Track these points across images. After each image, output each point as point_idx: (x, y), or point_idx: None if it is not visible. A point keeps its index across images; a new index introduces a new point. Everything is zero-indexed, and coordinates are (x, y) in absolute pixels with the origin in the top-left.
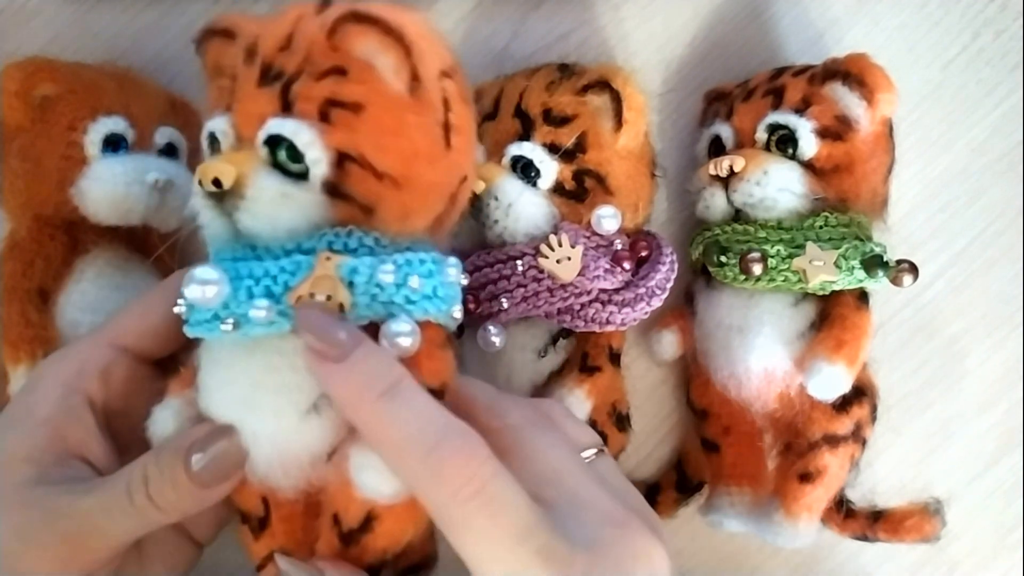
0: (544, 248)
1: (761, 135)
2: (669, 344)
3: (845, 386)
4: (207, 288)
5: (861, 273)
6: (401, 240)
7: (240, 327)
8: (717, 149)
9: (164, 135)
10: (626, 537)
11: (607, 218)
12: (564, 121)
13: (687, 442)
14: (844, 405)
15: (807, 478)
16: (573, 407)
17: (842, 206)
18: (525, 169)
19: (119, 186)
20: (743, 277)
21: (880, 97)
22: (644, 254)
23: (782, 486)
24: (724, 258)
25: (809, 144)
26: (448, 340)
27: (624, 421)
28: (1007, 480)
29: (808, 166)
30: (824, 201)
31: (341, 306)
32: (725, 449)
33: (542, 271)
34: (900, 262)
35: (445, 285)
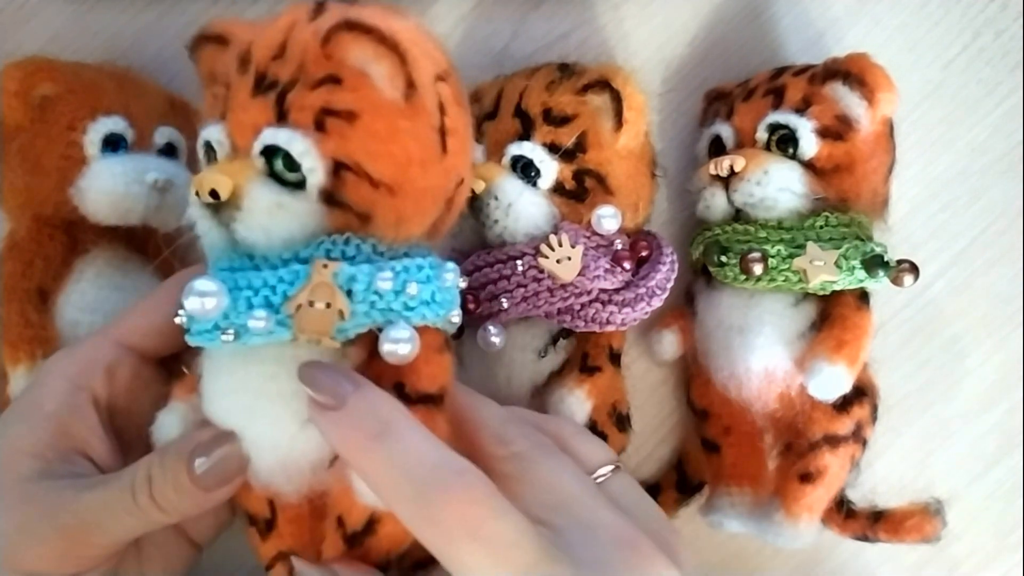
0: (544, 248)
1: (761, 135)
2: (669, 344)
3: (846, 386)
4: (206, 300)
5: (862, 273)
6: (398, 246)
7: (240, 337)
8: (717, 149)
9: (164, 135)
10: (634, 559)
11: (607, 218)
12: (564, 121)
13: (687, 442)
14: (845, 405)
15: (808, 478)
16: (573, 407)
17: (843, 206)
18: (525, 169)
19: (119, 186)
20: (743, 277)
21: (881, 97)
22: (644, 254)
23: (782, 486)
24: (724, 258)
25: (809, 144)
26: (446, 344)
27: (624, 421)
28: (1008, 480)
29: (808, 166)
30: (825, 201)
31: (340, 313)
32: (725, 449)
33: (542, 271)
34: (901, 262)
35: (443, 290)
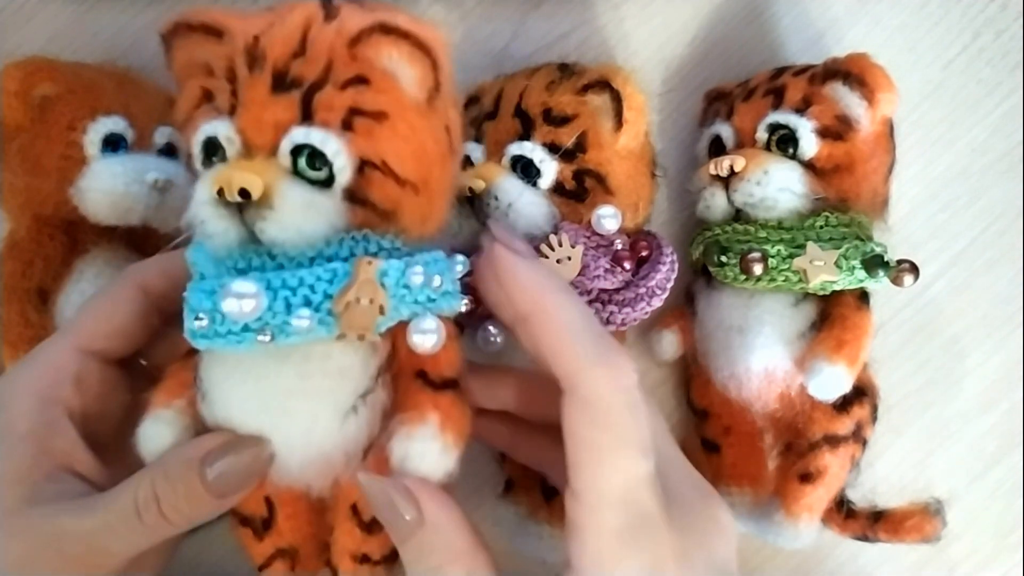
0: (544, 248)
1: (761, 135)
2: (669, 344)
3: (846, 386)
4: (244, 302)
5: (862, 273)
6: (413, 241)
7: (276, 337)
8: (717, 149)
9: (163, 135)
10: (711, 508)
11: (607, 218)
12: (564, 121)
13: (687, 442)
14: (845, 405)
15: (808, 478)
16: None
17: (843, 206)
18: (525, 169)
19: (118, 186)
20: (743, 277)
21: (881, 97)
22: (644, 254)
23: (783, 486)
24: (724, 258)
25: (809, 144)
26: (458, 333)
27: None
28: (1008, 480)
29: (809, 166)
30: (825, 201)
31: (381, 308)
32: (725, 449)
33: None
34: (901, 262)
35: (455, 281)
